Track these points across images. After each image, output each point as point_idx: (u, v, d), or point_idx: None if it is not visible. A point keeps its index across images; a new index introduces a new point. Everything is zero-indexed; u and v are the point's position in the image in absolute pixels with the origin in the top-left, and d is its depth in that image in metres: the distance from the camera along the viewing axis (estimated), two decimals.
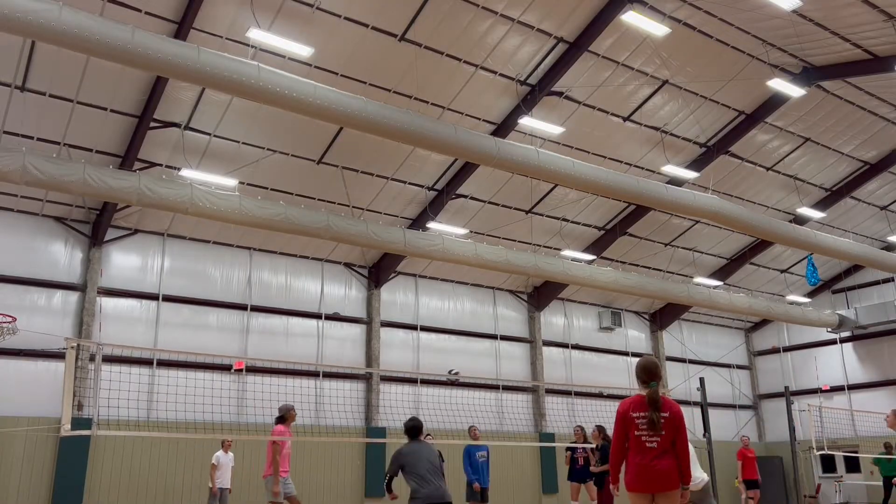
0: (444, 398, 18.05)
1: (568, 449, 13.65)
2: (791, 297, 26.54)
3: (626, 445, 5.78)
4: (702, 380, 16.42)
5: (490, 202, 19.48)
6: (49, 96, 13.89)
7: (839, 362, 26.61)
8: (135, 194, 13.08)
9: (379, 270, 20.41)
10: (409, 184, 18.27)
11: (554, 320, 23.86)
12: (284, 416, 10.35)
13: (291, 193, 17.26)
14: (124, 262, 17.08)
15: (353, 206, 17.84)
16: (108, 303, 16.57)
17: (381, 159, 17.29)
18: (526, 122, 16.43)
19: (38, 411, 14.82)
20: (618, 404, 5.98)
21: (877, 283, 26.00)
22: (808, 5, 14.60)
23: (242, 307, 18.32)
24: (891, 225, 24.43)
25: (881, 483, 15.60)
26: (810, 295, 27.27)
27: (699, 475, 7.02)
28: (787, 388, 18.52)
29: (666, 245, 23.05)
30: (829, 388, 26.19)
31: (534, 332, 23.14)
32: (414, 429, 8.39)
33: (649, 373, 5.82)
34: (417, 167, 17.81)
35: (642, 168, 19.59)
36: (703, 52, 16.59)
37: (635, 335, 25.92)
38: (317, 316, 19.36)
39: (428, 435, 13.75)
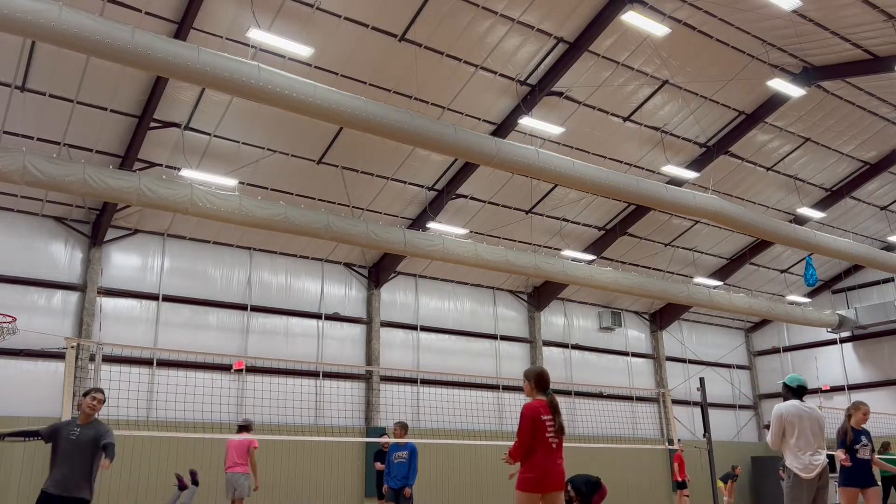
0: (443, 398, 18.07)
1: None
2: (791, 297, 26.53)
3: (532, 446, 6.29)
4: (702, 380, 16.42)
5: (490, 202, 19.48)
6: (49, 96, 13.90)
7: (839, 362, 26.60)
8: (135, 194, 13.09)
9: (379, 270, 20.42)
10: (409, 184, 18.27)
11: (554, 320, 23.85)
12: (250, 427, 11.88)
13: (291, 193, 17.26)
14: (124, 262, 17.09)
15: (353, 206, 17.84)
16: (108, 303, 16.58)
17: (381, 159, 17.30)
18: (526, 122, 16.44)
19: (38, 411, 14.80)
20: (615, 404, 6.13)
21: (877, 283, 26.00)
22: (808, 5, 14.61)
23: (242, 307, 18.33)
24: (891, 225, 24.43)
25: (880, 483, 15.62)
26: (810, 295, 27.26)
27: (823, 457, 7.48)
28: None
29: (666, 245, 23.05)
30: (829, 388, 26.17)
31: (534, 332, 23.13)
32: None
33: (546, 381, 6.38)
34: (417, 167, 17.81)
35: (642, 168, 19.59)
36: (703, 52, 16.60)
37: (635, 335, 25.89)
38: (317, 316, 19.36)
39: (384, 435, 13.73)
